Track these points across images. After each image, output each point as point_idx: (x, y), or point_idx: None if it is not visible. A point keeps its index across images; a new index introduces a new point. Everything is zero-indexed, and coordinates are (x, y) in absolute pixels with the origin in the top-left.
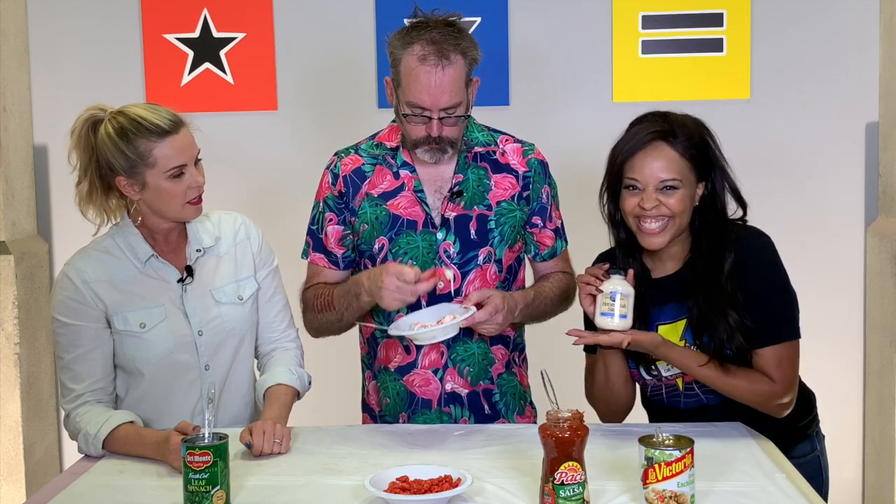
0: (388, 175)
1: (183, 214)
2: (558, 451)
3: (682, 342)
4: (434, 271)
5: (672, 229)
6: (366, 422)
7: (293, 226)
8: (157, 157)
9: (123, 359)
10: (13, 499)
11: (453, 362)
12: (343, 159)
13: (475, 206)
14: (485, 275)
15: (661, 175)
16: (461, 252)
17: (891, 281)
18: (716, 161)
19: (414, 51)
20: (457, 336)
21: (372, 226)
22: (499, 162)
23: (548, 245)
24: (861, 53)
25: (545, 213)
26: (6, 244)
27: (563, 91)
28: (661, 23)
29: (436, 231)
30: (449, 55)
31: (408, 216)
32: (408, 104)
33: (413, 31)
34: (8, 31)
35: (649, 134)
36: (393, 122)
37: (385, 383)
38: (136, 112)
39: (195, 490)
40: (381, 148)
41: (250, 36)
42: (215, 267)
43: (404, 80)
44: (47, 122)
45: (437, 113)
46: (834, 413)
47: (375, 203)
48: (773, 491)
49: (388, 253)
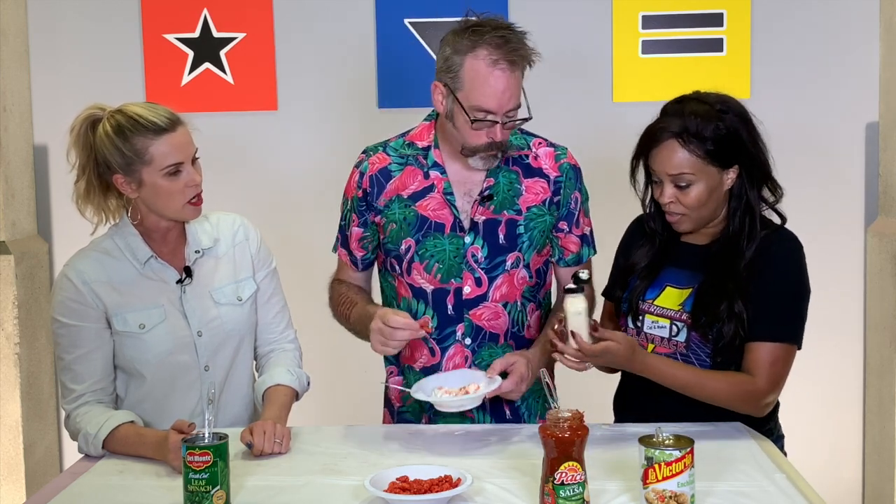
0: (419, 175)
1: (182, 214)
2: (558, 451)
3: (679, 308)
4: (423, 322)
5: (690, 221)
6: (385, 418)
7: (293, 226)
8: (154, 155)
9: (123, 359)
10: (13, 499)
11: (478, 367)
12: (370, 157)
13: (505, 211)
14: (512, 280)
15: (672, 171)
16: (489, 257)
17: (891, 281)
18: (743, 149)
19: (480, 55)
20: (482, 341)
21: (400, 226)
22: (531, 166)
23: (572, 251)
24: (861, 53)
25: (572, 219)
26: (6, 244)
27: (563, 91)
28: (661, 23)
29: (464, 235)
30: (516, 58)
31: (436, 218)
32: (473, 109)
33: (473, 35)
34: (8, 31)
35: (663, 132)
36: (426, 121)
37: (408, 380)
38: (134, 110)
39: (195, 490)
40: (412, 147)
41: (250, 36)
42: (214, 268)
43: (469, 85)
44: (47, 122)
45: (502, 117)
46: (834, 413)
47: (405, 204)
48: (773, 491)
49: (414, 255)
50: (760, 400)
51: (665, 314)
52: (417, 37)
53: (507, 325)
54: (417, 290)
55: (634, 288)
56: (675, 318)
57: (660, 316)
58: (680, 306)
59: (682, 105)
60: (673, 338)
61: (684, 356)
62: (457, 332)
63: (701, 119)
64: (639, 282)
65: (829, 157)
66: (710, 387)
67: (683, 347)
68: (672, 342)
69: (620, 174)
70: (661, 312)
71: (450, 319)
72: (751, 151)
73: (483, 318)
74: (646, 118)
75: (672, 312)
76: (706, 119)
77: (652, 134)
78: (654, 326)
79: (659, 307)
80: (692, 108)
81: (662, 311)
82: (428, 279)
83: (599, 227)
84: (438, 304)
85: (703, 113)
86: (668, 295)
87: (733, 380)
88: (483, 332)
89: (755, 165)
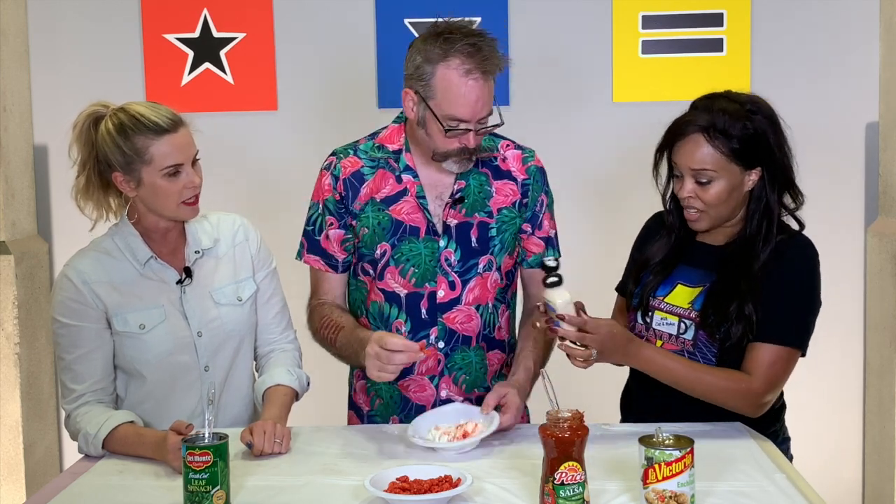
0: (391, 179)
1: (178, 214)
2: (558, 451)
3: (689, 306)
4: (422, 345)
5: (708, 219)
6: (352, 420)
7: (293, 226)
8: (154, 155)
9: (123, 360)
10: (13, 499)
11: (450, 370)
12: (342, 160)
13: (476, 214)
14: (485, 283)
15: (694, 166)
16: (462, 260)
17: (891, 281)
18: (768, 151)
19: (452, 64)
20: (455, 345)
21: (374, 231)
22: (500, 168)
23: (534, 252)
24: (861, 53)
25: (536, 221)
26: (6, 244)
27: (563, 91)
28: (661, 23)
29: (438, 239)
30: (489, 67)
31: (410, 222)
32: (446, 118)
33: (444, 44)
34: (8, 31)
35: (689, 126)
36: (395, 123)
37: (377, 385)
38: (137, 109)
39: (195, 490)
40: (382, 150)
41: (250, 36)
42: (214, 268)
43: (442, 94)
44: (47, 122)
45: (475, 125)
46: (834, 413)
47: (378, 208)
48: (773, 491)
49: (389, 259)
50: (755, 399)
51: (674, 311)
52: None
53: (480, 327)
54: (390, 294)
55: (646, 283)
56: (683, 315)
57: (669, 313)
58: (690, 304)
59: (711, 101)
60: (681, 335)
61: (691, 354)
62: (430, 336)
63: (730, 116)
64: (651, 277)
65: (829, 157)
66: (706, 381)
67: (690, 345)
68: (680, 339)
69: (620, 174)
70: (670, 309)
71: (423, 323)
72: (776, 155)
73: (456, 322)
74: (646, 118)
75: (681, 310)
76: (735, 117)
77: (678, 127)
78: (663, 323)
79: (669, 304)
80: (722, 104)
81: (672, 308)
82: (402, 283)
83: (598, 227)
84: (412, 309)
85: (733, 111)
86: (679, 293)
87: (729, 376)
88: (456, 335)
89: (778, 169)
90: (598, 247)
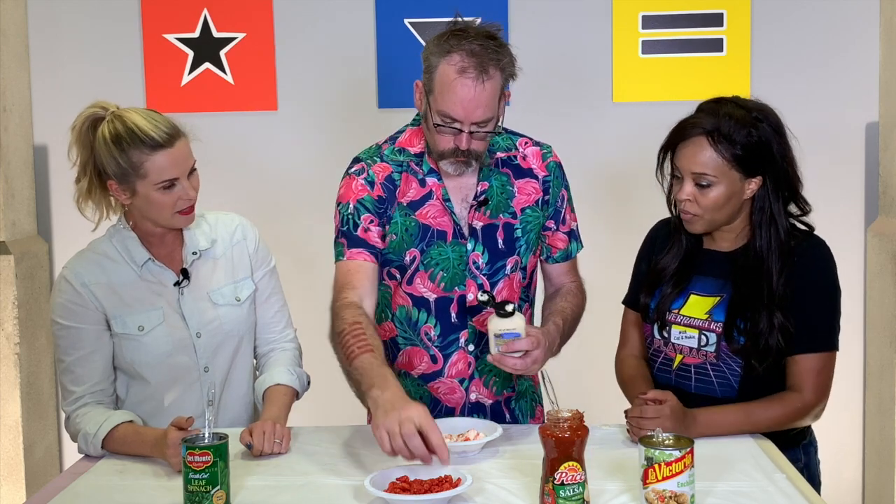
0: (414, 183)
1: (172, 223)
2: (558, 451)
3: (707, 317)
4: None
5: (703, 223)
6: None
7: (293, 226)
8: (149, 170)
9: (123, 361)
10: (13, 499)
11: (480, 373)
12: (373, 167)
13: (500, 215)
14: (512, 283)
15: (695, 169)
16: (490, 262)
17: (891, 281)
18: (771, 161)
19: (452, 60)
20: (485, 347)
21: (402, 237)
22: (520, 167)
23: (560, 248)
24: (861, 53)
25: (559, 217)
26: (6, 244)
27: (563, 91)
28: (661, 23)
29: (465, 242)
30: (488, 69)
31: (437, 226)
32: (439, 114)
33: (452, 40)
34: (8, 31)
35: (694, 128)
36: (412, 126)
37: (405, 386)
38: (134, 120)
39: (195, 490)
40: (404, 154)
41: (250, 36)
42: (212, 269)
43: (438, 89)
44: (47, 122)
45: (469, 126)
46: (834, 413)
47: (405, 213)
48: (773, 491)
49: (419, 264)
50: (812, 411)
51: (692, 324)
52: (417, 37)
53: None
54: (419, 298)
55: (663, 296)
56: (703, 327)
57: (687, 326)
58: (707, 315)
59: (719, 105)
60: (702, 348)
61: (714, 366)
62: (460, 339)
63: (735, 122)
64: (668, 290)
65: (829, 158)
66: (764, 417)
67: (714, 357)
68: (701, 352)
69: (620, 174)
70: (688, 322)
71: (453, 327)
72: (778, 165)
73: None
74: (646, 118)
75: (699, 322)
76: (741, 123)
77: (683, 128)
78: (682, 337)
79: (685, 317)
80: (728, 109)
81: (689, 320)
82: (431, 288)
83: (598, 227)
84: (441, 313)
85: (739, 117)
86: (693, 303)
87: (782, 402)
88: (486, 338)
89: (781, 180)
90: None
